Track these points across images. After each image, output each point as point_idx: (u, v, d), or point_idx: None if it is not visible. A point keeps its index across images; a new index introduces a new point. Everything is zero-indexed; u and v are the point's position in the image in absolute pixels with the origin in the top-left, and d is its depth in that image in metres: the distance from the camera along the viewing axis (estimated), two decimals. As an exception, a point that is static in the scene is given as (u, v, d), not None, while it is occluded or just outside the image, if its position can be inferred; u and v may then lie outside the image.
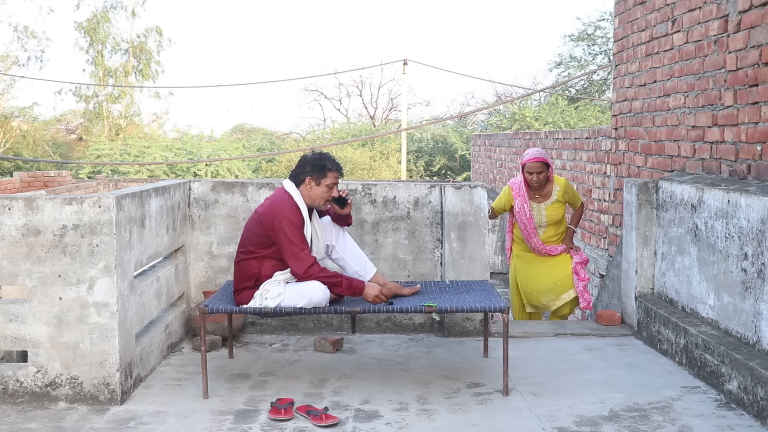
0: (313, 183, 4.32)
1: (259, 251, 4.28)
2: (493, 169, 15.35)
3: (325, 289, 4.18)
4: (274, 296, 4.21)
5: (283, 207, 4.25)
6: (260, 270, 4.27)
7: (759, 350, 3.91)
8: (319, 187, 4.33)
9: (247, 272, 4.29)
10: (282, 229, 4.19)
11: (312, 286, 4.17)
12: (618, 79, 7.17)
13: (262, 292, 4.23)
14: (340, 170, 4.41)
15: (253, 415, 3.84)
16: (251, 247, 4.31)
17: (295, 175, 4.38)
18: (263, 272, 4.27)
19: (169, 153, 24.11)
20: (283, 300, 4.19)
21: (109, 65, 30.78)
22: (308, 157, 4.39)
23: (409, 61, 24.02)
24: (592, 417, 3.80)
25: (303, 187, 4.34)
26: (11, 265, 3.87)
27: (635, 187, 5.32)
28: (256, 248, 4.29)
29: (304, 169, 4.34)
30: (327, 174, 4.32)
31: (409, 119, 27.58)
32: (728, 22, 4.90)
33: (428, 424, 3.73)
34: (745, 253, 4.06)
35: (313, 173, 4.31)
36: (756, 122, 4.51)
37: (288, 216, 4.21)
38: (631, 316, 5.43)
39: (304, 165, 4.35)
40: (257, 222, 4.32)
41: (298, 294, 4.18)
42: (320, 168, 4.32)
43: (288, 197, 4.30)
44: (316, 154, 4.40)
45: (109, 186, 16.31)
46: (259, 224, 4.30)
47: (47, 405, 3.93)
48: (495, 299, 4.29)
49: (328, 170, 4.33)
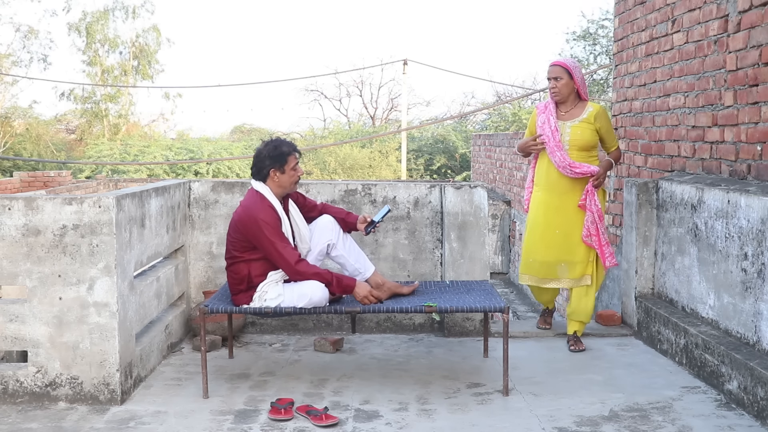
0: (278, 173, 4.32)
1: (244, 255, 4.28)
2: (493, 169, 15.35)
3: (324, 289, 4.18)
4: (273, 297, 4.22)
5: (257, 210, 4.23)
6: (249, 272, 4.27)
7: (759, 350, 3.91)
8: (285, 175, 4.33)
9: (237, 276, 4.29)
10: (261, 232, 4.19)
11: (311, 286, 4.17)
12: (618, 79, 7.17)
13: (261, 293, 4.23)
14: (296, 148, 4.42)
15: (253, 415, 3.84)
16: (236, 252, 4.31)
17: (257, 172, 4.35)
18: (253, 273, 4.27)
19: (169, 152, 24.11)
20: (282, 301, 4.20)
21: (107, 65, 30.79)
22: (263, 150, 4.36)
23: (409, 61, 24.05)
24: (592, 417, 3.80)
25: (270, 181, 4.33)
26: (11, 265, 3.87)
27: (635, 187, 5.32)
28: (240, 253, 4.29)
29: (264, 163, 4.32)
30: (287, 159, 4.32)
31: (409, 119, 27.58)
32: (728, 22, 4.90)
33: (428, 424, 3.73)
34: (745, 253, 4.06)
35: (275, 164, 4.30)
36: (756, 122, 4.50)
37: (263, 218, 4.20)
38: (631, 316, 5.43)
39: (263, 159, 4.33)
40: (235, 228, 4.32)
41: (298, 294, 4.18)
42: (279, 156, 4.31)
43: (260, 197, 4.29)
44: (269, 145, 4.38)
45: (109, 186, 16.32)
46: (237, 230, 4.30)
47: (47, 405, 3.93)
48: (495, 299, 4.29)
49: (287, 155, 4.33)
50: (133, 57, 31.03)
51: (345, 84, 36.50)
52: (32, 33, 29.47)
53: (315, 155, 25.77)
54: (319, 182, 5.53)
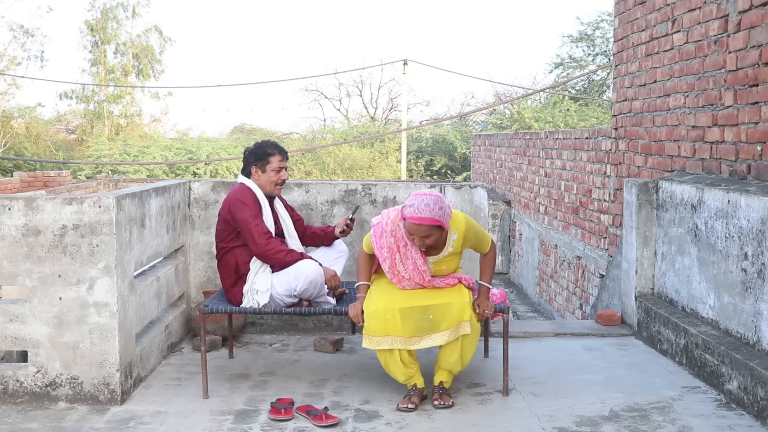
0: (259, 171, 4.44)
1: (229, 244, 4.40)
2: (493, 169, 15.35)
3: (316, 266, 4.27)
4: (263, 290, 4.26)
5: (234, 193, 4.39)
6: (236, 260, 4.37)
7: (759, 350, 3.91)
8: (266, 174, 4.44)
9: (226, 268, 4.40)
10: (236, 212, 4.32)
11: (306, 265, 4.25)
12: (618, 79, 7.17)
13: (251, 285, 4.27)
14: (283, 152, 4.50)
15: (253, 415, 3.84)
16: (222, 244, 4.44)
17: (243, 168, 4.51)
18: (240, 261, 4.36)
19: (168, 153, 24.11)
20: (275, 289, 4.26)
21: (110, 65, 30.80)
22: (249, 149, 4.53)
23: (409, 61, 24.04)
24: (592, 417, 3.80)
25: (253, 177, 4.46)
26: (11, 265, 3.87)
27: (635, 187, 5.32)
28: (226, 243, 4.42)
29: (249, 161, 4.47)
30: (269, 159, 4.43)
31: (409, 119, 27.57)
32: (728, 22, 4.90)
33: (428, 424, 3.73)
34: (745, 253, 4.06)
35: (257, 161, 4.44)
36: (756, 122, 4.51)
37: (239, 198, 4.34)
38: (631, 316, 5.43)
39: (248, 157, 4.49)
40: (220, 218, 4.47)
41: (293, 275, 4.24)
42: (261, 155, 4.44)
43: (243, 186, 4.43)
44: (257, 144, 4.53)
45: (109, 186, 16.32)
46: (221, 220, 4.45)
47: (47, 405, 3.93)
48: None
49: (270, 155, 4.44)
50: (134, 57, 31.02)
51: (345, 84, 36.47)
52: (24, 30, 29.44)
53: (314, 155, 25.76)
54: (319, 182, 5.53)
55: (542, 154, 11.15)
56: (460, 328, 3.89)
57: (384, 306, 3.87)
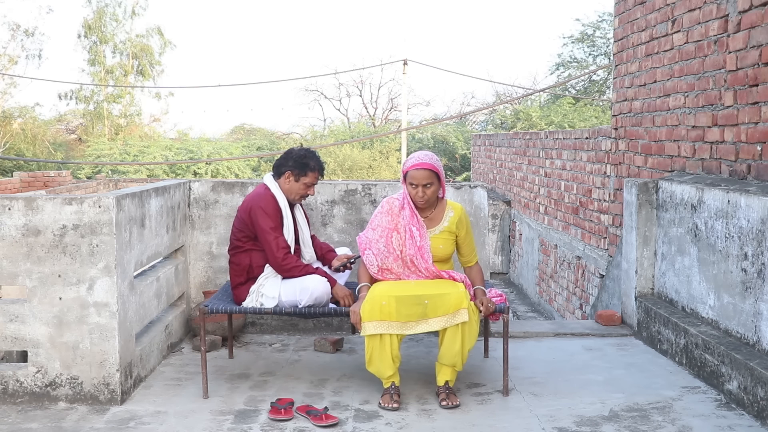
0: (292, 178, 4.40)
1: (245, 245, 4.38)
2: (493, 169, 15.35)
3: (326, 284, 4.23)
4: (270, 296, 4.25)
5: (258, 198, 4.35)
6: (251, 262, 4.35)
7: (759, 350, 3.91)
8: (297, 184, 4.40)
9: (238, 267, 4.38)
10: (257, 220, 4.29)
11: (314, 280, 4.21)
12: (618, 79, 7.17)
13: (258, 287, 4.27)
14: (322, 171, 4.48)
15: (253, 415, 3.84)
16: (237, 243, 4.41)
17: (277, 165, 4.45)
18: (254, 264, 4.35)
19: (169, 153, 24.11)
20: (280, 297, 4.24)
21: (109, 65, 30.79)
22: (294, 152, 4.47)
23: (409, 61, 24.01)
24: (592, 417, 3.80)
25: (282, 179, 4.41)
26: (11, 265, 3.87)
27: (635, 187, 5.32)
28: (242, 243, 4.39)
29: (287, 162, 4.41)
30: (308, 173, 4.40)
31: (409, 119, 27.57)
32: (728, 22, 4.90)
33: (428, 424, 3.73)
34: (745, 253, 4.06)
35: (295, 169, 4.39)
36: (756, 122, 4.51)
37: (262, 206, 4.30)
38: (631, 316, 5.43)
39: (288, 158, 4.42)
40: (239, 216, 4.43)
41: (300, 288, 4.21)
42: (302, 165, 4.39)
43: (265, 189, 4.39)
44: (303, 151, 4.47)
45: (109, 186, 16.32)
46: (239, 219, 4.41)
47: (47, 405, 3.93)
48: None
49: (310, 170, 4.40)
50: (133, 57, 31.01)
51: (345, 84, 36.50)
52: (23, 30, 29.43)
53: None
54: (319, 182, 5.52)
55: (542, 154, 11.15)
56: (458, 315, 3.90)
57: (380, 294, 3.94)
